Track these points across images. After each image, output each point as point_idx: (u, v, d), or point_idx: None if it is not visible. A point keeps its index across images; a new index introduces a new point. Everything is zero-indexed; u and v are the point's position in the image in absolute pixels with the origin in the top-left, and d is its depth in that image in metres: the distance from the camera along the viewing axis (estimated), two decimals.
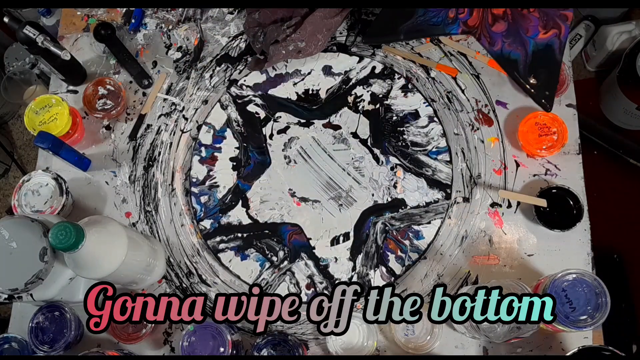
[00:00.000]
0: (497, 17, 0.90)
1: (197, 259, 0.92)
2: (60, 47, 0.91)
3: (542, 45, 0.90)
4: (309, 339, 0.86)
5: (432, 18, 0.91)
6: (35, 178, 0.93)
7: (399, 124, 0.94)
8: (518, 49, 0.90)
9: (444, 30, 0.93)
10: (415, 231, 0.89)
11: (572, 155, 0.89)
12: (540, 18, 0.89)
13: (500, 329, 0.71)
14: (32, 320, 0.84)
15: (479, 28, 0.90)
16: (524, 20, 0.89)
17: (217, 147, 0.97)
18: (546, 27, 0.89)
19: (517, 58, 0.91)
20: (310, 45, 0.95)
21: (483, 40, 0.90)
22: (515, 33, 0.90)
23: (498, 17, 0.90)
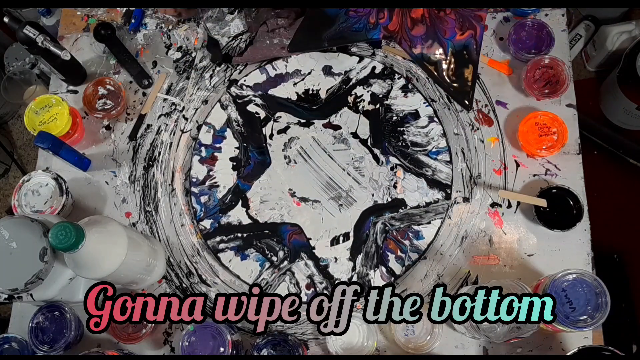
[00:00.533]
0: (416, 20, 0.92)
1: (197, 259, 0.92)
2: (60, 47, 0.91)
3: (459, 46, 0.92)
4: (309, 339, 0.86)
5: (354, 24, 0.93)
6: (35, 178, 0.93)
7: (399, 124, 0.94)
8: (437, 51, 0.93)
9: (366, 36, 0.95)
10: (415, 231, 0.89)
11: (572, 155, 0.89)
12: (457, 20, 0.92)
13: (500, 329, 0.71)
14: (32, 320, 0.84)
15: (399, 32, 0.92)
16: (441, 22, 0.92)
17: (217, 147, 0.97)
18: (462, 28, 0.92)
19: (436, 60, 0.93)
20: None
21: (404, 44, 0.92)
22: (433, 36, 0.92)
23: (417, 20, 0.92)
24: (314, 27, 0.95)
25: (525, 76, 0.90)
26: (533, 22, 0.94)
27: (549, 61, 0.90)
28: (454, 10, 0.91)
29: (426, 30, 0.92)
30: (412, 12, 0.91)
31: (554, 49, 0.93)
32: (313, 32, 0.95)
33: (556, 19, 0.96)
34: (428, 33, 0.92)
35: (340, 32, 0.94)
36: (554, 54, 0.92)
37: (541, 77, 0.91)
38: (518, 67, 0.94)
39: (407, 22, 0.91)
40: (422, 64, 0.92)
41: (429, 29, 0.91)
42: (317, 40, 0.95)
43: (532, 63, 0.90)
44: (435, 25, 0.91)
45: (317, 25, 0.95)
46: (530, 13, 0.96)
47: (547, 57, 0.90)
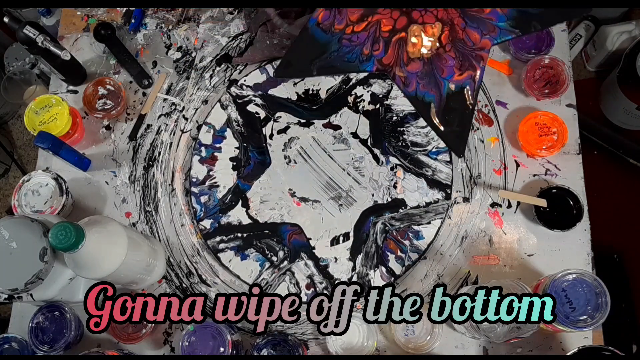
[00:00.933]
0: (412, 56, 0.86)
1: (197, 259, 0.92)
2: (60, 47, 0.91)
3: (457, 87, 0.86)
4: (309, 339, 0.86)
5: (347, 54, 0.87)
6: (35, 178, 0.93)
7: (399, 124, 0.94)
8: (432, 90, 0.87)
9: (358, 68, 0.89)
10: (415, 231, 0.89)
11: (572, 155, 0.89)
12: (456, 58, 0.86)
13: (500, 329, 0.71)
14: (32, 320, 0.84)
15: (394, 67, 0.86)
16: (439, 60, 0.85)
17: (217, 147, 0.97)
18: (461, 68, 0.86)
19: (431, 100, 0.87)
20: None
21: (398, 80, 0.86)
22: (430, 74, 0.86)
23: (414, 56, 0.86)
24: (304, 53, 0.90)
25: (525, 76, 0.90)
26: None
27: (549, 61, 0.90)
28: (454, 47, 0.85)
29: (422, 67, 0.86)
30: (409, 45, 0.86)
31: (554, 49, 0.93)
32: (302, 58, 0.89)
33: None
34: (424, 70, 0.86)
35: (331, 62, 0.89)
36: (554, 54, 0.92)
37: (541, 77, 0.91)
38: (518, 67, 0.94)
39: (404, 56, 0.85)
40: (414, 102, 0.86)
41: (426, 65, 0.85)
42: (305, 67, 0.90)
43: (532, 63, 0.90)
44: (433, 63, 0.85)
45: (306, 51, 0.89)
46: None
47: (547, 57, 0.90)
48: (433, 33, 0.82)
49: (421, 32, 0.83)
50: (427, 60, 0.84)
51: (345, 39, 0.88)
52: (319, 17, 0.87)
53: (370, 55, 0.86)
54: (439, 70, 0.84)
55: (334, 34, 0.88)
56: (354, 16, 0.87)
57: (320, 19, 0.87)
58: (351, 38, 0.88)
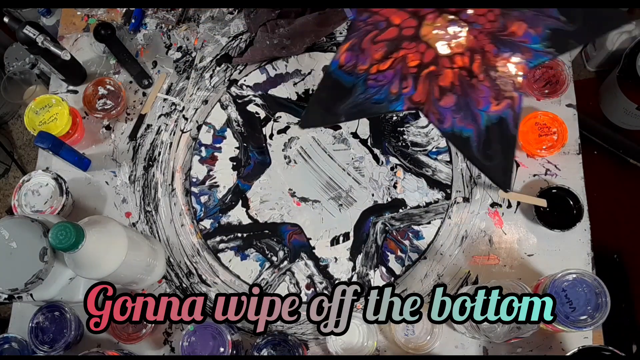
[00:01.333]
0: (445, 90, 0.78)
1: (197, 259, 0.92)
2: (60, 47, 0.91)
3: (495, 118, 0.79)
4: (309, 339, 0.86)
5: (374, 95, 0.81)
6: (35, 178, 0.93)
7: (399, 124, 0.94)
8: (470, 124, 0.79)
9: (388, 108, 0.82)
10: (415, 231, 0.89)
11: (572, 155, 0.89)
12: (492, 88, 0.79)
13: (500, 329, 0.71)
14: (32, 320, 0.84)
15: (426, 104, 0.79)
16: (473, 91, 0.78)
17: (217, 147, 0.97)
18: (498, 97, 0.79)
19: (469, 135, 0.79)
20: (295, 45, 0.96)
21: (432, 117, 0.78)
22: (465, 106, 0.79)
23: (446, 90, 0.78)
24: (329, 99, 0.84)
25: None
26: None
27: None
28: (487, 77, 0.79)
29: (456, 101, 0.78)
30: (440, 80, 0.78)
31: None
32: (328, 105, 0.83)
33: None
34: (459, 104, 0.79)
35: (359, 105, 0.82)
36: None
37: (541, 77, 0.91)
38: None
39: (435, 91, 0.78)
40: (452, 139, 0.79)
41: (460, 98, 0.78)
42: (332, 114, 0.83)
43: None
44: (467, 95, 0.78)
45: (332, 96, 0.83)
46: None
47: None
48: (464, 62, 0.80)
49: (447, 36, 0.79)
50: (461, 93, 0.80)
51: (371, 79, 0.82)
52: (341, 59, 0.83)
53: (400, 93, 0.80)
54: (474, 103, 0.77)
55: (358, 76, 0.82)
56: (378, 54, 0.83)
57: (342, 61, 0.83)
58: (377, 77, 0.81)
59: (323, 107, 0.84)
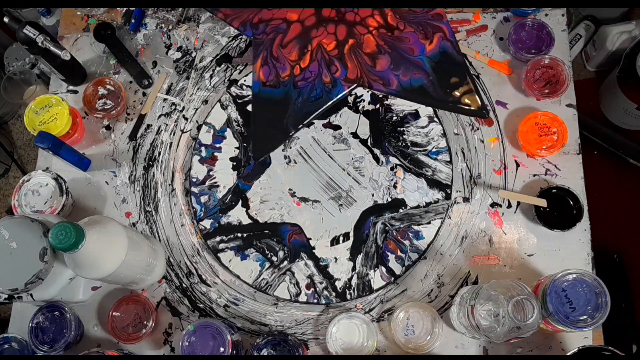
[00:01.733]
0: (374, 54, 0.77)
1: (197, 259, 0.92)
2: (60, 47, 0.91)
3: (435, 56, 0.78)
4: (309, 339, 0.86)
5: (310, 93, 0.80)
6: (35, 178, 0.93)
7: (399, 124, 0.94)
8: (415, 74, 0.78)
9: (331, 98, 0.81)
10: (415, 231, 0.89)
11: (572, 155, 0.89)
12: (416, 31, 0.78)
13: (500, 329, 0.71)
14: (32, 320, 0.84)
15: (363, 76, 0.78)
16: (401, 42, 0.77)
17: (217, 147, 0.97)
18: (427, 36, 0.78)
19: (421, 83, 0.79)
20: None
21: (376, 86, 0.77)
22: (401, 60, 0.77)
23: (374, 54, 0.77)
24: (269, 121, 0.82)
25: (525, 76, 0.90)
26: (533, 22, 0.94)
27: (549, 61, 0.90)
28: (406, 23, 0.77)
29: (390, 59, 0.77)
30: (364, 47, 0.77)
31: (554, 49, 0.93)
32: (271, 127, 0.81)
33: (556, 19, 0.96)
34: (394, 60, 0.78)
35: (300, 109, 0.81)
36: (554, 54, 0.92)
37: (541, 77, 0.91)
38: (518, 67, 0.94)
39: (365, 60, 0.77)
40: (408, 95, 0.77)
41: (392, 55, 0.77)
42: (280, 133, 0.81)
43: (532, 63, 0.90)
44: (397, 49, 0.76)
45: (271, 118, 0.81)
46: (530, 13, 0.96)
47: (547, 57, 0.90)
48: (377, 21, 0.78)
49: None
50: (391, 49, 0.78)
51: (299, 80, 0.80)
52: (261, 77, 0.81)
53: (333, 79, 0.79)
54: (408, 52, 0.76)
55: (285, 84, 0.80)
56: (292, 55, 0.80)
57: (263, 78, 0.82)
58: (304, 76, 0.80)
59: (267, 132, 0.83)
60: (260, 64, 0.79)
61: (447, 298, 0.85)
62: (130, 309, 0.87)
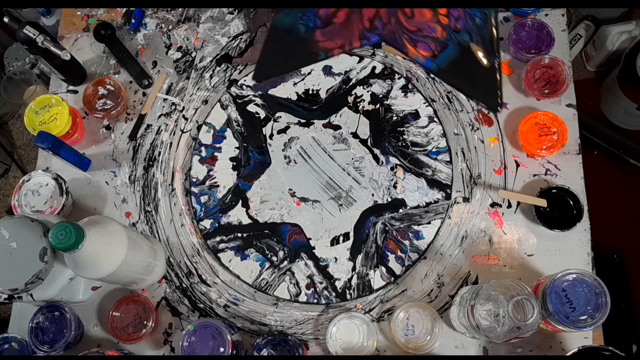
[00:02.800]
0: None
1: (197, 259, 0.92)
2: (60, 47, 0.91)
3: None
4: (309, 339, 0.86)
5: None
6: (35, 178, 0.93)
7: (399, 124, 0.94)
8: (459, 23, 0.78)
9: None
10: (415, 231, 0.89)
11: (572, 155, 0.89)
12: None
13: (500, 329, 0.71)
14: (32, 320, 0.84)
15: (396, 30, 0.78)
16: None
17: (217, 147, 0.97)
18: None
19: (467, 40, 0.78)
20: None
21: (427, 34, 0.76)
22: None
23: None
24: (278, 47, 0.84)
25: (525, 76, 0.90)
26: (533, 22, 0.94)
27: (549, 61, 0.90)
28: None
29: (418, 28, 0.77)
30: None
31: (554, 49, 0.93)
32: (278, 51, 0.83)
33: (556, 19, 0.96)
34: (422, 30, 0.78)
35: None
36: (554, 54, 0.92)
37: (541, 77, 0.91)
38: (518, 67, 0.94)
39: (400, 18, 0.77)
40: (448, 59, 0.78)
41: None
42: (283, 59, 0.83)
43: (532, 63, 0.90)
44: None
45: (279, 45, 0.83)
46: (530, 13, 0.96)
47: (547, 57, 0.90)
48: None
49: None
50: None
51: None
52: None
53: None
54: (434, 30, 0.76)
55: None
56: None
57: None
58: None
59: (273, 54, 0.86)
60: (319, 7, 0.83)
61: (447, 298, 0.85)
62: (130, 309, 0.87)
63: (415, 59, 0.81)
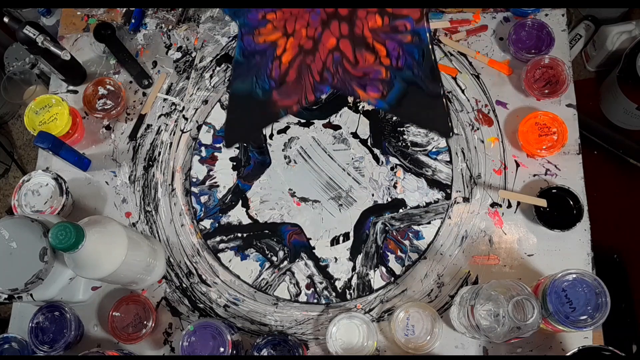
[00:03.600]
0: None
1: (197, 259, 0.92)
2: (60, 47, 0.91)
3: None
4: (309, 339, 0.86)
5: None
6: (35, 178, 0.93)
7: (399, 124, 0.94)
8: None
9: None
10: (415, 231, 0.89)
11: (572, 155, 0.89)
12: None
13: (500, 329, 0.71)
14: (32, 320, 0.84)
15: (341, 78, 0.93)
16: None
17: (217, 147, 0.97)
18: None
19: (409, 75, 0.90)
20: None
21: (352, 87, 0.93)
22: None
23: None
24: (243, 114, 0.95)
25: (525, 76, 0.90)
26: (533, 22, 0.94)
27: (549, 61, 0.90)
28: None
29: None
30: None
31: (554, 49, 0.93)
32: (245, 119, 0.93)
33: (556, 19, 0.96)
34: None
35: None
36: (554, 54, 0.92)
37: (541, 77, 0.91)
38: (518, 67, 0.94)
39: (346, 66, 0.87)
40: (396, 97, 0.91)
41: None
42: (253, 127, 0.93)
43: (532, 63, 0.90)
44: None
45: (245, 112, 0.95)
46: (530, 13, 0.96)
47: (547, 57, 0.90)
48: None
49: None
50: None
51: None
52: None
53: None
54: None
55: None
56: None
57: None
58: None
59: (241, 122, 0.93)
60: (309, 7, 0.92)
61: (447, 298, 0.85)
62: (130, 309, 0.87)
63: (367, 101, 0.93)
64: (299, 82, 0.92)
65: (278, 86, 0.92)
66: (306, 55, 0.91)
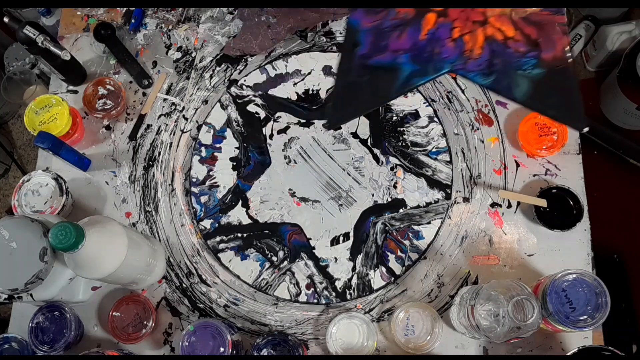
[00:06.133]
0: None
1: (197, 259, 0.92)
2: (60, 47, 0.91)
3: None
4: (309, 339, 0.86)
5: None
6: (35, 178, 0.93)
7: (399, 124, 0.94)
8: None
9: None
10: (415, 231, 0.89)
11: (572, 155, 0.89)
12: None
13: (500, 329, 0.71)
14: (32, 320, 0.84)
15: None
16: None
17: (217, 147, 0.97)
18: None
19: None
20: (280, 24, 0.97)
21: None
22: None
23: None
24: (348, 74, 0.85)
25: None
26: None
27: None
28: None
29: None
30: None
31: None
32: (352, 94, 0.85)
33: None
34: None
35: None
36: None
37: None
38: None
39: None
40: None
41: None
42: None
43: None
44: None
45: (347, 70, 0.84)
46: None
47: None
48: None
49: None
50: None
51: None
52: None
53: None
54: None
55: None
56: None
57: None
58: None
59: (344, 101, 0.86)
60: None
61: (447, 298, 0.85)
62: (130, 309, 0.87)
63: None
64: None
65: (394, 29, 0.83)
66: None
